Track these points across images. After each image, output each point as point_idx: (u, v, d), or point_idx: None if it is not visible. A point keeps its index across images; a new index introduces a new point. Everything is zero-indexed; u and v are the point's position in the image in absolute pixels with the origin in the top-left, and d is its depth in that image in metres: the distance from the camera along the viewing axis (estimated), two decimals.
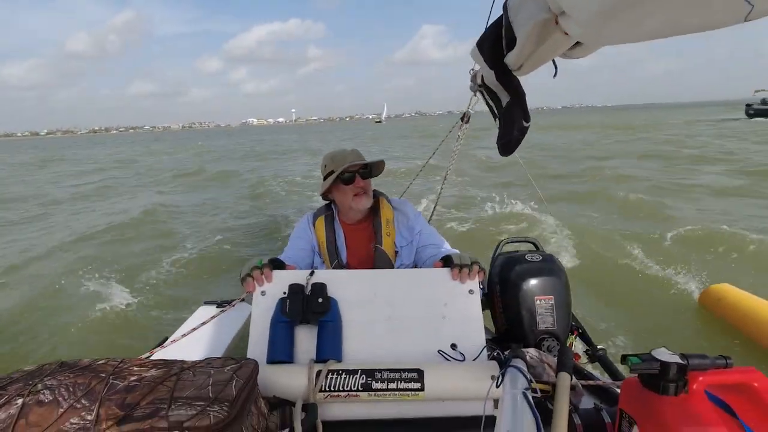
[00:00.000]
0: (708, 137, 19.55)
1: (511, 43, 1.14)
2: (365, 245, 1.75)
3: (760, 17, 0.50)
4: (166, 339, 1.85)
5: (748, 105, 34.78)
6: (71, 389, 0.81)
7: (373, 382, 1.11)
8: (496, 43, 1.25)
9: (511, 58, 1.18)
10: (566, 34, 0.87)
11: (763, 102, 33.52)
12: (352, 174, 1.66)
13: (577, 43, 0.99)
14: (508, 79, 1.35)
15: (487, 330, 1.48)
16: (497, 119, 1.60)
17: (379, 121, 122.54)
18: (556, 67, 1.16)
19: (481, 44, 1.35)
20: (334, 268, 1.72)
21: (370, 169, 1.71)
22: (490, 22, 1.32)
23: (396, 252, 1.74)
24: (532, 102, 1.47)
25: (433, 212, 3.19)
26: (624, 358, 0.88)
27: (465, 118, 2.71)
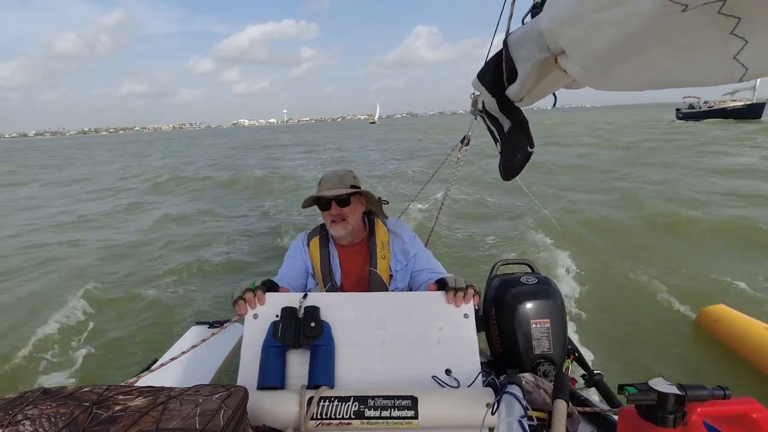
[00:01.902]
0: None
1: (513, 76, 1.16)
2: (360, 268, 1.73)
3: (754, 78, 0.51)
4: (155, 361, 1.81)
5: (677, 109, 40.54)
6: (53, 419, 0.78)
7: (366, 409, 1.08)
8: (497, 76, 1.27)
9: (512, 91, 1.19)
10: (565, 71, 0.89)
11: (690, 106, 38.95)
12: (329, 200, 1.65)
13: None
14: (510, 109, 1.37)
15: (482, 352, 1.46)
16: (498, 143, 1.60)
17: (373, 122, 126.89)
18: (555, 98, 1.18)
19: (482, 76, 1.37)
20: (327, 291, 1.70)
21: (349, 197, 1.66)
22: (491, 56, 1.34)
23: (391, 276, 1.72)
24: None
25: (430, 234, 3.18)
26: (621, 388, 0.86)
27: (465, 140, 2.72)
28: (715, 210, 7.30)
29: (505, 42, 1.16)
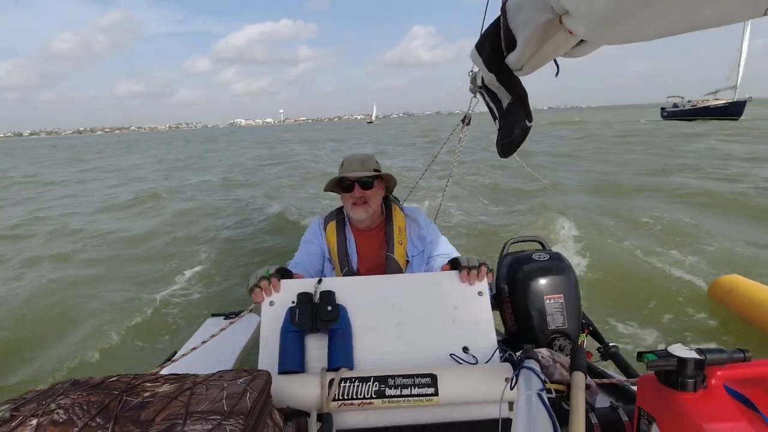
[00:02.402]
0: None
1: (511, 44, 1.13)
2: (377, 253, 1.73)
3: None
4: (175, 353, 1.85)
5: (662, 108, 41.41)
6: (85, 407, 0.81)
7: (387, 388, 1.10)
8: (495, 45, 1.25)
9: (512, 59, 1.17)
10: (571, 33, 0.86)
11: (674, 106, 39.79)
12: (352, 182, 1.66)
13: (581, 41, 0.98)
14: (509, 80, 1.35)
15: (496, 331, 1.47)
16: (497, 120, 1.59)
17: (370, 122, 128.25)
18: (558, 66, 1.16)
19: (480, 46, 1.35)
20: (344, 275, 1.71)
21: (372, 180, 1.68)
22: (488, 24, 1.32)
23: (407, 261, 1.72)
24: None
25: (437, 214, 3.19)
26: (640, 355, 0.87)
27: (466, 120, 2.69)
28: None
29: (503, 8, 1.13)
